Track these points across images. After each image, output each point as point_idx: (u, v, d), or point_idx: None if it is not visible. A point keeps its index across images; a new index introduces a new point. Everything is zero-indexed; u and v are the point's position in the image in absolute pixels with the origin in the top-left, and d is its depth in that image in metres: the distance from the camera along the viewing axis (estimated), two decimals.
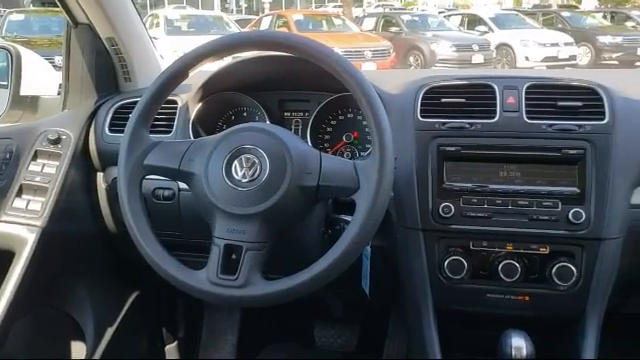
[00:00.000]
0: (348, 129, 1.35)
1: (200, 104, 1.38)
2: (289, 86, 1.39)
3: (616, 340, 1.25)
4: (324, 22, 13.12)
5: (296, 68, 1.26)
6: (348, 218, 0.99)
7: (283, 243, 1.03)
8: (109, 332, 1.57)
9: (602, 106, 1.13)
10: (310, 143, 1.33)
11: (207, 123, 1.39)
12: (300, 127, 1.40)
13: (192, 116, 1.36)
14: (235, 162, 0.98)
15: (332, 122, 1.37)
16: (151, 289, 1.72)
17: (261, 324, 1.95)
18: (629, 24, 15.00)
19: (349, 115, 1.37)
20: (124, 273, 1.62)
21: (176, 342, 1.88)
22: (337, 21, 13.27)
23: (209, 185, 0.98)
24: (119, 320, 1.62)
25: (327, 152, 1.27)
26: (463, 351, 1.33)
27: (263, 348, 1.93)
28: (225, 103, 1.41)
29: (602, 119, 1.12)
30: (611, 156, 1.10)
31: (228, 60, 1.23)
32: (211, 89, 1.37)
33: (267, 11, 21.73)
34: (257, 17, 15.86)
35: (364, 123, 1.31)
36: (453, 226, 1.14)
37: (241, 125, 1.05)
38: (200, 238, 1.09)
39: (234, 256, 0.96)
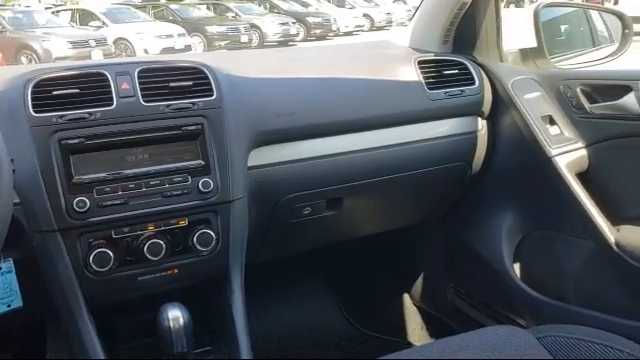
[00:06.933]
0: None
1: None
2: None
3: (258, 287, 1.42)
4: None
5: None
6: None
7: None
8: None
9: (209, 84, 1.24)
10: None
11: None
12: None
13: None
14: None
15: None
16: None
17: None
18: (230, 14, 16.65)
19: None
20: None
21: None
22: None
23: None
24: None
25: None
26: (130, 341, 1.33)
27: None
28: None
29: (211, 95, 1.22)
30: (225, 128, 1.22)
31: None
32: None
33: None
34: None
35: None
36: (91, 219, 1.11)
37: None
38: None
39: None
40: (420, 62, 1.52)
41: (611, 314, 1.37)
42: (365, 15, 19.44)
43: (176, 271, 1.20)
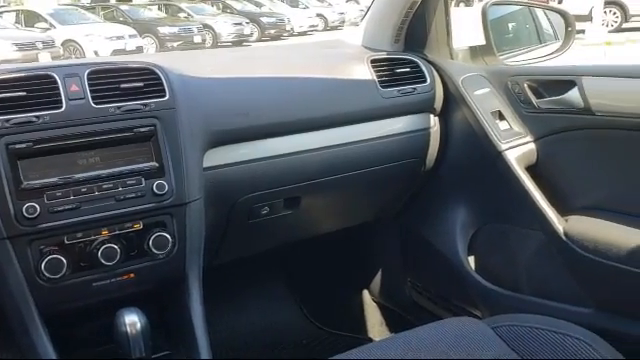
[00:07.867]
0: None
1: None
2: None
3: (218, 289, 1.41)
4: None
5: None
6: None
7: None
8: None
9: (162, 84, 1.22)
10: None
11: None
12: None
13: None
14: None
15: None
16: None
17: None
18: (182, 15, 16.43)
19: None
20: None
21: None
22: None
23: None
24: None
25: None
26: (87, 348, 1.30)
27: None
28: None
29: (163, 96, 1.21)
30: (178, 129, 1.20)
31: None
32: None
33: None
34: None
35: None
36: (42, 225, 1.08)
37: None
38: None
39: None
40: (373, 61, 1.54)
41: (561, 302, 1.42)
42: (319, 15, 19.49)
43: (132, 275, 1.18)
